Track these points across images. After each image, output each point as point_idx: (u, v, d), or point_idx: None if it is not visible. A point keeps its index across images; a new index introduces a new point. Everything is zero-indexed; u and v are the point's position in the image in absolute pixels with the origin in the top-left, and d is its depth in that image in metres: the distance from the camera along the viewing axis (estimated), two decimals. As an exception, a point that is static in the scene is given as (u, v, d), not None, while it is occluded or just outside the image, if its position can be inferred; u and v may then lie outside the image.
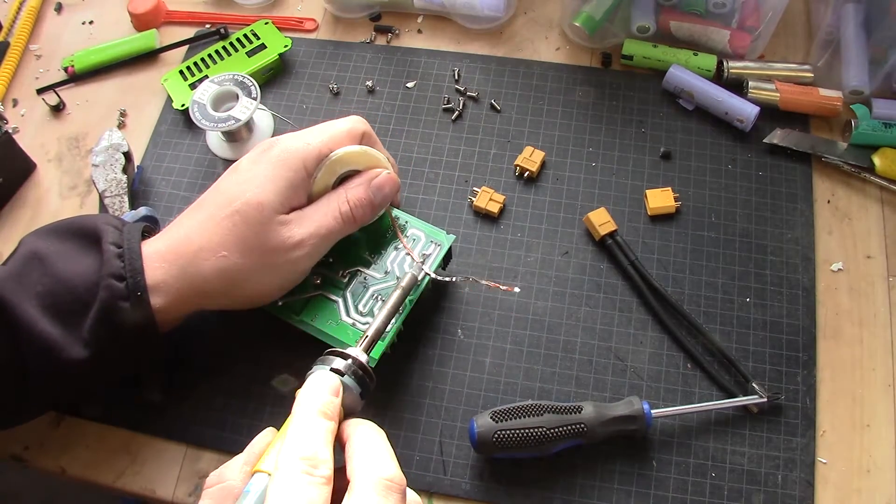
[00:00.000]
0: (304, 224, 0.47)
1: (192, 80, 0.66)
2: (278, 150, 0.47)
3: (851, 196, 0.58)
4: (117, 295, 0.44)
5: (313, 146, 0.48)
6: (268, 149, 0.48)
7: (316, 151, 0.48)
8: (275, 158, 0.47)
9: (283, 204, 0.46)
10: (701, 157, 0.60)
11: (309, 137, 0.48)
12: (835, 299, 0.54)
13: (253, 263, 0.46)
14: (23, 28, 0.72)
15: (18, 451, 0.53)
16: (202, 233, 0.46)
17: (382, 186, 0.49)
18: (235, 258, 0.45)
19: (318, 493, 0.32)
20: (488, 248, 0.57)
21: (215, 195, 0.48)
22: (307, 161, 0.47)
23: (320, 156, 0.48)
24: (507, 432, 0.47)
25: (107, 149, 0.61)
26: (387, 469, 0.34)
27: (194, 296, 0.47)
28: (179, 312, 0.47)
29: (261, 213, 0.45)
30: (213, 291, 0.47)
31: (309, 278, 0.51)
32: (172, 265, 0.46)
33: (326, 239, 0.48)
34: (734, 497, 0.48)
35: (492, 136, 0.62)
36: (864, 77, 0.60)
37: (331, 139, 0.49)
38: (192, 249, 0.46)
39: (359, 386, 0.40)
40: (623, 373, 0.52)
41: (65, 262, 0.46)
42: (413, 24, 0.70)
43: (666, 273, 0.56)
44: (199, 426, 0.52)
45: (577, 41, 0.67)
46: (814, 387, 0.51)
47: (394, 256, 0.52)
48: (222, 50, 0.67)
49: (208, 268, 0.46)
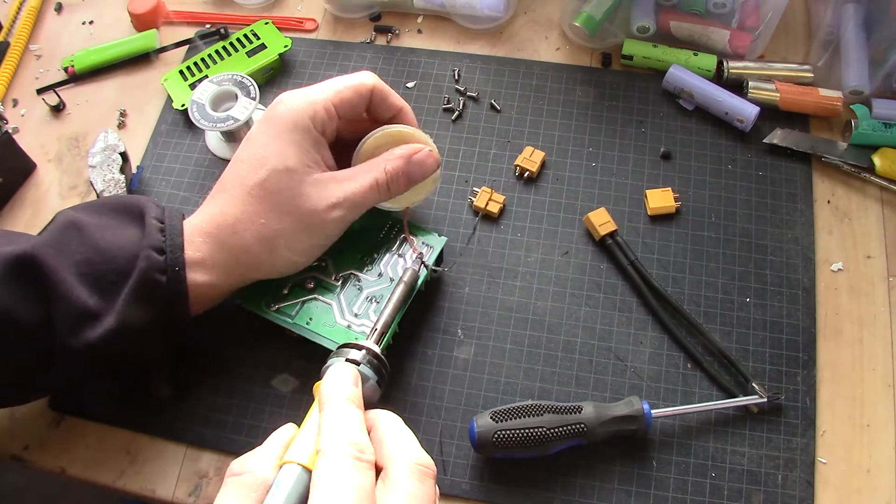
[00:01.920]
0: (340, 187, 0.47)
1: (192, 80, 0.66)
2: (286, 111, 0.47)
3: (851, 196, 0.58)
4: (156, 267, 0.44)
5: (319, 103, 0.47)
6: (273, 112, 0.48)
7: (321, 108, 0.47)
8: (286, 121, 0.47)
9: (309, 164, 0.47)
10: (701, 157, 0.60)
11: (314, 93, 0.48)
12: (835, 299, 0.54)
13: (291, 226, 0.46)
14: (23, 28, 0.72)
15: (18, 451, 0.53)
16: (236, 205, 0.47)
17: (423, 162, 0.49)
18: (274, 224, 0.46)
19: (366, 477, 0.32)
20: (488, 248, 0.57)
21: (238, 169, 0.48)
22: (315, 119, 0.47)
23: (327, 112, 0.47)
24: (507, 432, 0.47)
25: (103, 149, 0.61)
26: (419, 455, 0.35)
27: (237, 266, 0.47)
28: (222, 287, 0.48)
29: (291, 178, 0.46)
30: (255, 261, 0.47)
31: (302, 282, 0.51)
32: (214, 240, 0.46)
33: (359, 206, 0.48)
34: (734, 497, 0.48)
35: (492, 136, 0.62)
36: (864, 77, 0.60)
37: (336, 94, 0.48)
38: (230, 222, 0.46)
39: (375, 374, 0.41)
40: (623, 373, 0.52)
41: (104, 233, 0.46)
42: (413, 24, 0.70)
43: (666, 273, 0.56)
44: (199, 426, 0.52)
45: (577, 41, 0.67)
46: (814, 387, 0.51)
47: (387, 259, 0.52)
48: (222, 50, 0.67)
49: (249, 237, 0.46)
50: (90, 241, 0.45)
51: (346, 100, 0.48)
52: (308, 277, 0.51)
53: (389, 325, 0.46)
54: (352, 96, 0.48)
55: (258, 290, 0.50)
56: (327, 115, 0.47)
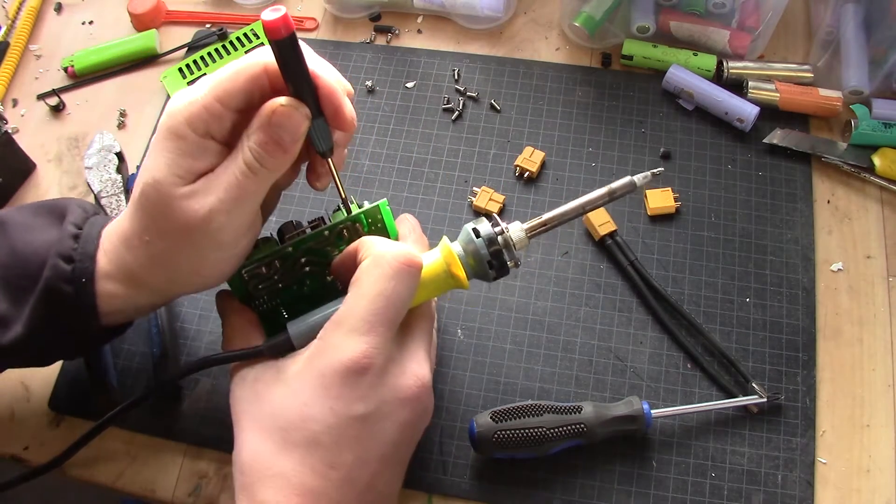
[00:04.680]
0: (211, 189, 0.40)
1: (191, 78, 0.66)
2: (164, 117, 0.40)
3: (851, 196, 0.58)
4: (61, 276, 0.42)
5: (197, 102, 0.39)
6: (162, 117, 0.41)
7: (200, 108, 0.39)
8: (161, 127, 0.40)
9: (180, 175, 0.40)
10: (701, 157, 0.60)
11: (194, 92, 0.40)
12: (835, 299, 0.54)
13: (173, 244, 0.41)
14: (23, 28, 0.72)
15: (18, 451, 0.53)
16: (128, 218, 0.42)
17: (286, 119, 0.39)
18: (157, 242, 0.41)
19: None
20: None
21: None
22: (193, 122, 0.39)
23: (208, 112, 0.39)
24: (507, 432, 0.47)
25: (99, 150, 0.61)
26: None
27: (145, 283, 0.43)
28: (139, 301, 0.44)
29: (158, 192, 0.40)
30: (153, 278, 0.43)
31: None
32: (118, 252, 0.43)
33: (240, 199, 0.40)
34: (734, 497, 0.48)
35: (492, 136, 0.62)
36: (864, 77, 0.60)
37: (217, 87, 0.39)
38: (127, 236, 0.42)
39: (491, 257, 0.41)
40: (623, 373, 0.52)
41: (25, 235, 0.44)
42: (413, 24, 0.70)
43: (666, 273, 0.56)
44: (199, 426, 0.52)
45: (577, 41, 0.67)
46: (814, 387, 0.51)
47: None
48: (222, 49, 0.67)
49: (140, 255, 0.42)
50: (9, 242, 0.44)
51: (231, 90, 0.40)
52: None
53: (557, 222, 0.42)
54: (240, 84, 0.40)
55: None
56: (210, 114, 0.39)
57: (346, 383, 0.38)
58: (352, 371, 0.38)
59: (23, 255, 0.43)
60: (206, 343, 0.55)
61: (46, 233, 0.44)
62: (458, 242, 0.43)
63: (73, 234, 0.43)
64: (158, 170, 0.40)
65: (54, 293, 0.42)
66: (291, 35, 0.37)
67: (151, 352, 0.54)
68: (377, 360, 0.39)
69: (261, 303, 0.45)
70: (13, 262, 0.43)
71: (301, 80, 0.39)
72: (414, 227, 0.47)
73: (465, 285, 0.43)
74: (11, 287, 0.43)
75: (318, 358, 0.39)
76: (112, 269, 0.43)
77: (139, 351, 0.55)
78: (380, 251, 0.40)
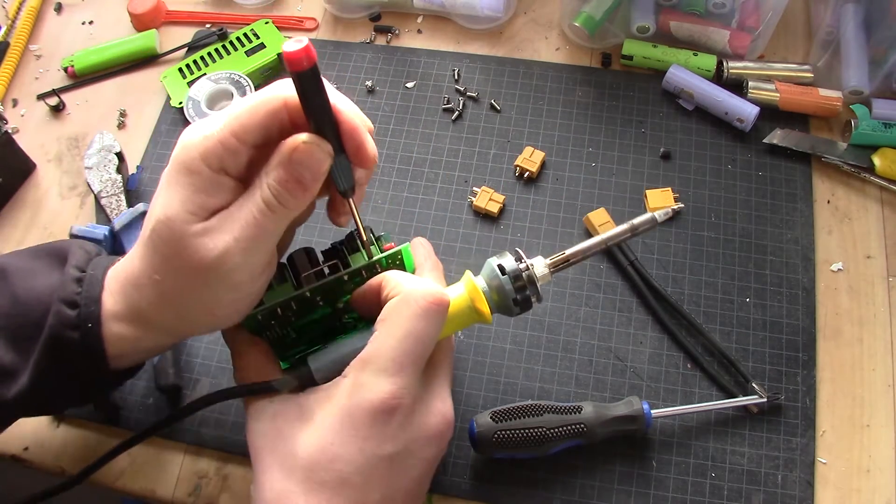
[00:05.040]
0: (227, 227, 0.38)
1: (190, 78, 0.66)
2: (179, 150, 0.39)
3: (851, 196, 0.58)
4: (67, 323, 0.40)
5: (213, 137, 0.38)
6: (174, 152, 0.40)
7: (216, 143, 0.38)
8: (175, 161, 0.39)
9: (194, 212, 0.38)
10: (701, 157, 0.60)
11: (210, 126, 0.38)
12: (835, 299, 0.54)
13: (186, 283, 0.39)
14: (23, 28, 0.72)
15: (18, 452, 0.53)
16: (137, 257, 0.41)
17: (307, 157, 0.38)
18: (169, 281, 0.39)
19: None
20: (488, 249, 0.57)
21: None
22: (208, 157, 0.38)
23: (223, 147, 0.38)
24: (507, 432, 0.47)
25: (99, 150, 0.61)
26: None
27: (155, 323, 0.41)
28: (149, 342, 0.42)
29: (171, 230, 0.38)
30: (162, 319, 0.41)
31: None
32: (125, 293, 0.41)
33: (257, 239, 0.38)
34: (734, 497, 0.48)
35: (492, 136, 0.62)
36: (864, 77, 0.60)
37: (234, 122, 0.38)
38: (134, 276, 0.41)
39: (515, 293, 0.41)
40: (623, 373, 0.52)
41: (27, 282, 0.42)
42: (413, 24, 0.70)
43: (666, 273, 0.56)
44: (199, 426, 0.52)
45: (577, 41, 0.67)
46: (814, 387, 0.51)
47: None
48: (222, 49, 0.67)
49: (149, 294, 0.40)
50: (10, 290, 0.42)
51: (248, 125, 0.38)
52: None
53: (579, 258, 0.43)
54: (259, 119, 0.38)
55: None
56: (225, 150, 0.38)
57: (376, 423, 0.38)
58: (381, 412, 0.38)
59: (25, 303, 0.41)
60: (206, 343, 0.55)
61: (48, 277, 0.42)
62: (482, 277, 0.43)
63: (76, 277, 0.42)
64: (171, 206, 0.38)
65: (60, 340, 0.40)
66: (314, 67, 0.36)
67: (151, 352, 0.54)
68: (406, 400, 0.39)
69: (272, 333, 0.44)
70: (16, 311, 0.41)
71: (323, 114, 0.38)
72: (429, 254, 0.47)
73: (489, 321, 0.43)
74: (15, 337, 0.41)
75: (346, 397, 0.39)
76: (119, 309, 0.41)
77: (139, 351, 0.55)
78: (409, 289, 0.40)
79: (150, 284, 0.40)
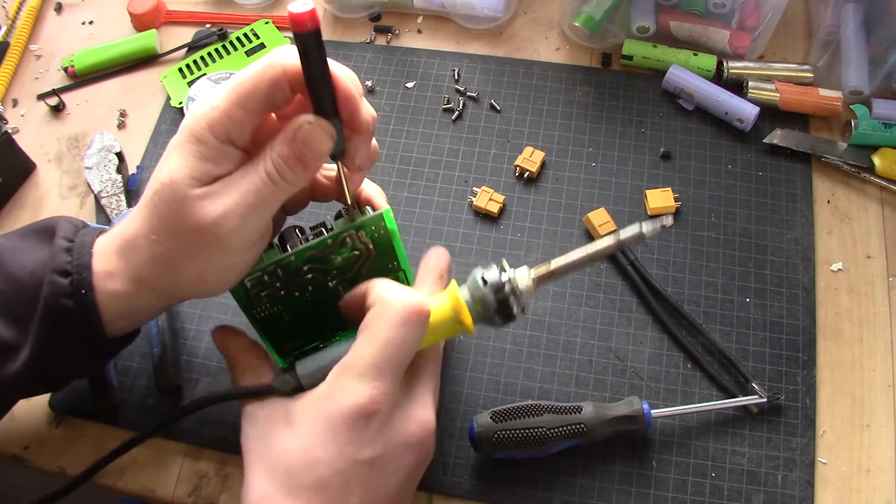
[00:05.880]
0: (228, 192, 0.40)
1: (190, 78, 0.66)
2: (187, 118, 0.41)
3: (851, 196, 0.58)
4: (60, 292, 0.41)
5: (218, 107, 0.40)
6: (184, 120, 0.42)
7: (221, 112, 0.39)
8: (183, 129, 0.41)
9: (197, 177, 0.40)
10: (701, 157, 0.60)
11: (216, 97, 0.40)
12: (835, 299, 0.54)
13: (182, 245, 0.41)
14: (23, 28, 0.72)
15: (18, 451, 0.53)
16: (137, 219, 0.42)
17: (310, 137, 0.40)
18: (165, 241, 0.41)
19: None
20: (488, 249, 0.57)
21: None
22: (214, 127, 0.39)
23: (229, 118, 0.39)
24: (507, 432, 0.47)
25: (99, 150, 0.61)
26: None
27: (148, 283, 0.42)
28: (144, 302, 0.43)
29: (173, 191, 0.39)
30: (155, 280, 0.42)
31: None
32: (120, 254, 0.42)
33: (256, 208, 0.40)
34: (734, 497, 0.48)
35: (492, 136, 0.62)
36: (864, 77, 0.60)
37: (236, 92, 0.39)
38: (131, 237, 0.42)
39: (497, 305, 0.42)
40: (623, 373, 0.52)
41: (18, 259, 0.43)
42: (413, 24, 0.70)
43: (666, 273, 0.56)
44: (199, 426, 0.52)
45: (577, 41, 0.67)
46: (814, 387, 0.51)
47: None
48: (222, 49, 0.67)
49: (144, 254, 0.41)
50: (4, 269, 0.43)
51: (251, 94, 0.39)
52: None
53: (564, 272, 0.42)
54: (261, 88, 0.39)
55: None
56: (231, 120, 0.39)
57: (354, 427, 0.39)
58: (360, 416, 0.39)
59: (19, 279, 0.43)
60: (206, 343, 0.55)
61: (38, 252, 0.43)
62: (466, 287, 0.43)
63: (65, 247, 0.43)
64: (176, 171, 0.40)
65: (56, 310, 0.41)
66: (317, 29, 0.38)
67: (151, 352, 0.54)
68: (384, 405, 0.40)
69: (262, 310, 0.45)
70: (10, 288, 0.43)
71: (322, 77, 0.39)
72: (437, 266, 0.48)
73: (471, 331, 0.43)
74: (13, 313, 0.43)
75: (326, 402, 0.40)
76: (113, 269, 0.42)
77: (139, 351, 0.55)
78: (389, 299, 0.41)
79: (146, 245, 0.41)
